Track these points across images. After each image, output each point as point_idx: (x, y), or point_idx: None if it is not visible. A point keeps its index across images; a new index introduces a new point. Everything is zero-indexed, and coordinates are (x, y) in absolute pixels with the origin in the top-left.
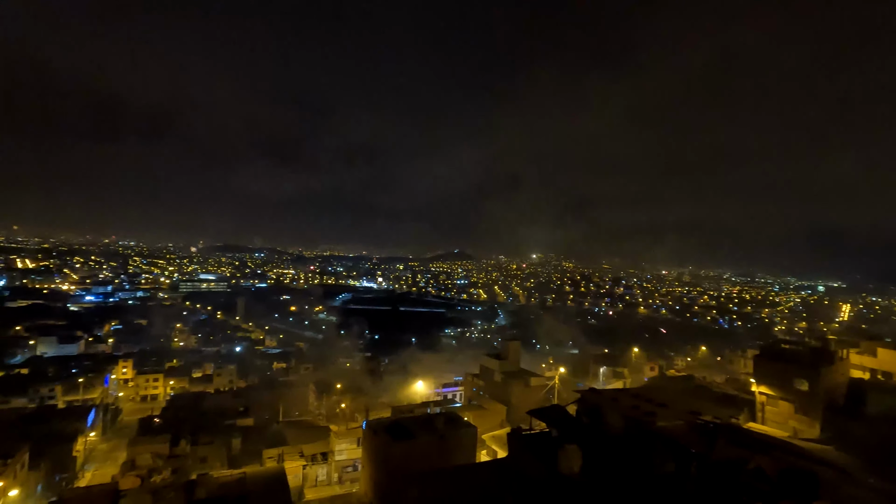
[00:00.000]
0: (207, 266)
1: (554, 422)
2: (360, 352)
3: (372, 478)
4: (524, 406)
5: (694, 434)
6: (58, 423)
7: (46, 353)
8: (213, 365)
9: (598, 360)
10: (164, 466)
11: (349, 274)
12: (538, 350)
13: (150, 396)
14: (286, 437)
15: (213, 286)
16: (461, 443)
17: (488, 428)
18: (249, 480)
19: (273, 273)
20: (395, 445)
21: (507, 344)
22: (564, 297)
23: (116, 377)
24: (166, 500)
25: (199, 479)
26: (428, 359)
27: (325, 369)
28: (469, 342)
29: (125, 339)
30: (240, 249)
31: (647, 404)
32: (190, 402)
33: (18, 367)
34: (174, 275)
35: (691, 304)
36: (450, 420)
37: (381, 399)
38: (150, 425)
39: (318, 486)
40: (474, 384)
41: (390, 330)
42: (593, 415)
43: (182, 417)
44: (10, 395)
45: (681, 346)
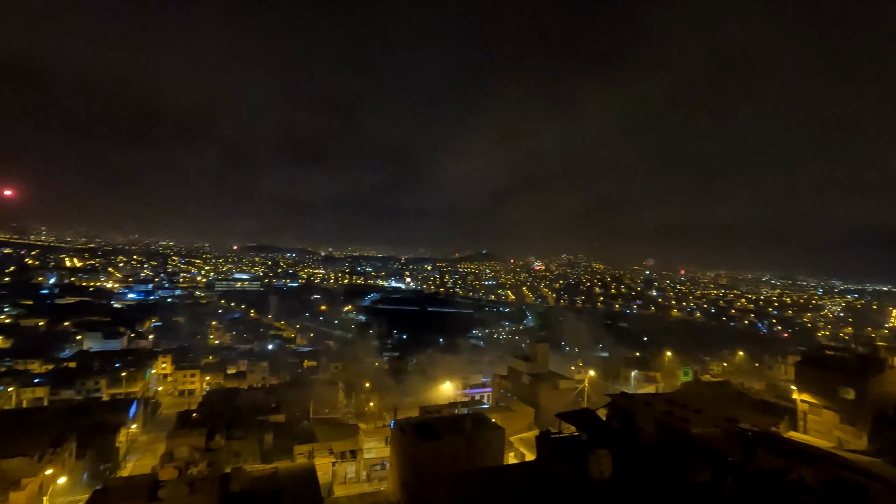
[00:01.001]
0: (242, 266)
1: (584, 425)
2: (389, 351)
3: (400, 477)
4: (553, 409)
5: (731, 442)
6: (102, 415)
7: (92, 348)
8: (246, 362)
9: (629, 364)
10: (200, 459)
11: (378, 274)
12: (567, 352)
13: (187, 391)
14: (316, 434)
15: (247, 285)
16: (489, 444)
17: (516, 430)
18: (281, 475)
19: (304, 273)
20: (422, 445)
21: (536, 346)
22: (594, 298)
23: (156, 372)
24: (203, 492)
25: (234, 473)
26: (455, 359)
27: (353, 368)
28: (497, 343)
29: (164, 336)
30: (272, 249)
31: (681, 410)
32: (225, 398)
33: (67, 361)
34: (210, 274)
35: (728, 308)
36: (477, 421)
37: (409, 399)
38: (188, 419)
39: (347, 483)
40: (502, 386)
41: (418, 330)
42: (625, 419)
43: (217, 412)
44: (59, 388)
45: (716, 350)
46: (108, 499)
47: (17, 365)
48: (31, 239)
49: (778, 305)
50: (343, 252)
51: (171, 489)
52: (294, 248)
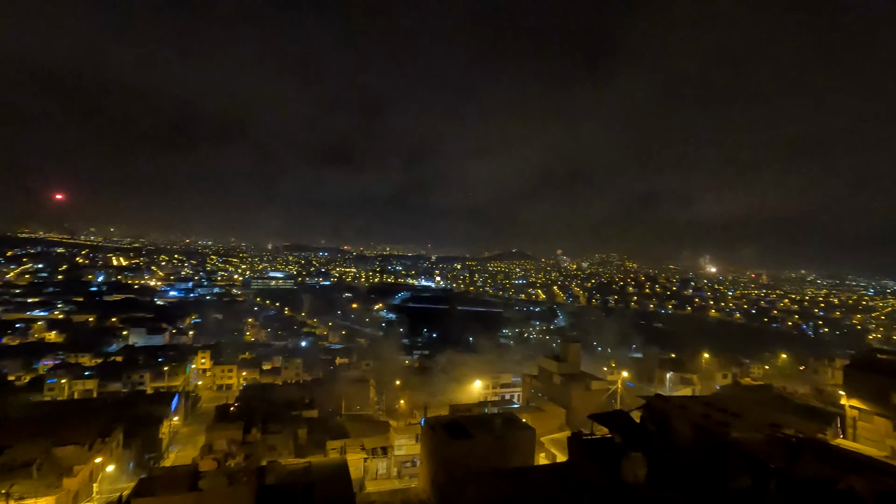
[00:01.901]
0: (276, 264)
1: (617, 428)
2: (418, 349)
3: (430, 474)
4: (584, 410)
5: (774, 448)
6: (147, 407)
7: (137, 343)
8: (281, 358)
9: (664, 366)
10: (237, 452)
11: (408, 273)
12: (599, 353)
13: (225, 386)
14: (348, 431)
15: (281, 283)
16: (519, 444)
17: (547, 430)
18: (314, 469)
19: (336, 271)
20: (452, 443)
21: (567, 345)
22: (627, 298)
23: (196, 367)
24: (240, 483)
25: (269, 466)
26: (485, 358)
27: (384, 366)
28: (527, 343)
29: (204, 332)
30: (305, 249)
31: (719, 414)
32: (260, 393)
33: (114, 355)
34: (246, 272)
35: (769, 308)
36: (508, 421)
37: (439, 397)
38: (226, 413)
39: (378, 479)
40: (532, 385)
41: (448, 329)
42: (660, 422)
43: (253, 407)
44: (107, 380)
45: (757, 352)
46: (152, 487)
47: (70, 358)
48: (81, 239)
49: (824, 306)
50: (374, 251)
51: (211, 480)
52: (326, 248)
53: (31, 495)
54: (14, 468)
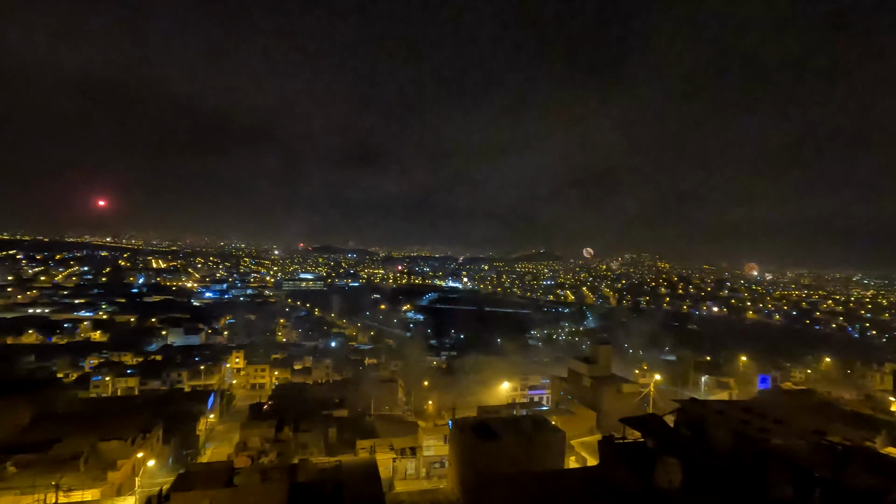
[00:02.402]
0: (306, 266)
1: (650, 432)
2: (446, 351)
3: (459, 475)
4: (615, 413)
5: (818, 456)
6: (184, 405)
7: (175, 343)
8: (311, 358)
9: (698, 368)
10: (270, 449)
11: (435, 274)
12: (630, 355)
13: (258, 385)
14: (377, 430)
15: (311, 285)
16: (548, 447)
17: (577, 434)
18: (345, 468)
19: (364, 273)
20: (481, 445)
21: (597, 347)
22: (659, 299)
23: (230, 366)
24: (273, 480)
25: (301, 464)
26: (513, 360)
27: (412, 367)
28: (556, 344)
29: (238, 332)
30: (334, 251)
31: (759, 419)
32: (292, 392)
33: (154, 354)
34: (278, 274)
35: (812, 310)
36: (537, 423)
37: (467, 398)
38: (259, 411)
39: (407, 479)
40: (562, 388)
41: (475, 330)
42: (695, 427)
43: (285, 406)
44: (148, 378)
45: (799, 356)
46: (190, 482)
47: (113, 357)
48: (123, 243)
49: (872, 307)
50: (401, 252)
51: (245, 476)
52: (355, 249)
53: (78, 487)
54: (63, 461)
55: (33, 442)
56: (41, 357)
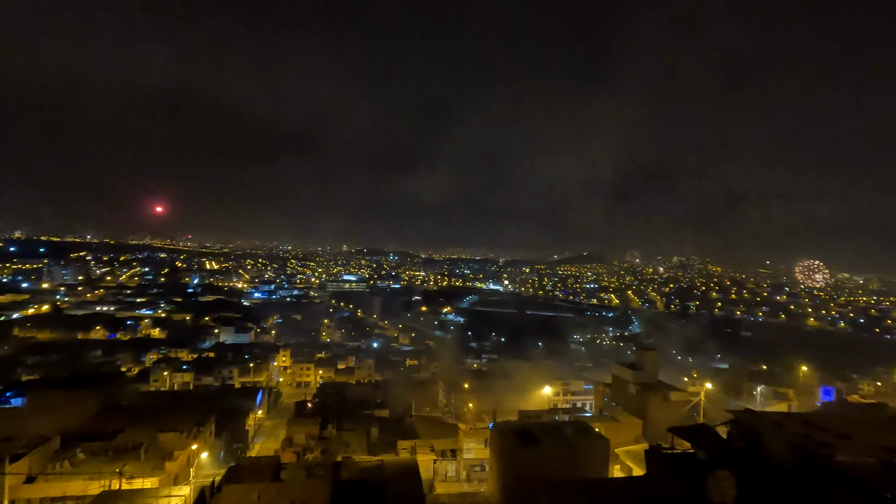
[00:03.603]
0: (349, 268)
1: (701, 442)
2: (487, 353)
3: (500, 479)
4: (663, 422)
5: (890, 475)
6: (235, 401)
7: (226, 341)
8: (354, 358)
9: (753, 378)
10: (315, 446)
11: (475, 276)
12: (678, 362)
13: (303, 383)
14: (418, 431)
15: (354, 286)
16: (592, 454)
17: (622, 442)
18: (386, 468)
19: (405, 275)
20: (522, 450)
21: (644, 353)
22: (710, 304)
23: (277, 364)
24: (317, 477)
25: (344, 462)
26: (555, 364)
27: (452, 369)
28: (599, 349)
29: (284, 331)
30: (376, 253)
31: (821, 434)
32: (335, 391)
33: (207, 352)
34: (322, 276)
35: (882, 317)
36: (579, 429)
37: (507, 402)
38: (304, 409)
39: (448, 481)
40: (605, 394)
41: (516, 333)
42: (750, 440)
43: (329, 404)
44: (201, 374)
45: (867, 367)
46: (240, 475)
47: (170, 353)
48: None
49: None
50: (442, 254)
51: (291, 472)
52: (396, 251)
53: (139, 475)
54: (126, 450)
55: (100, 431)
56: (107, 352)
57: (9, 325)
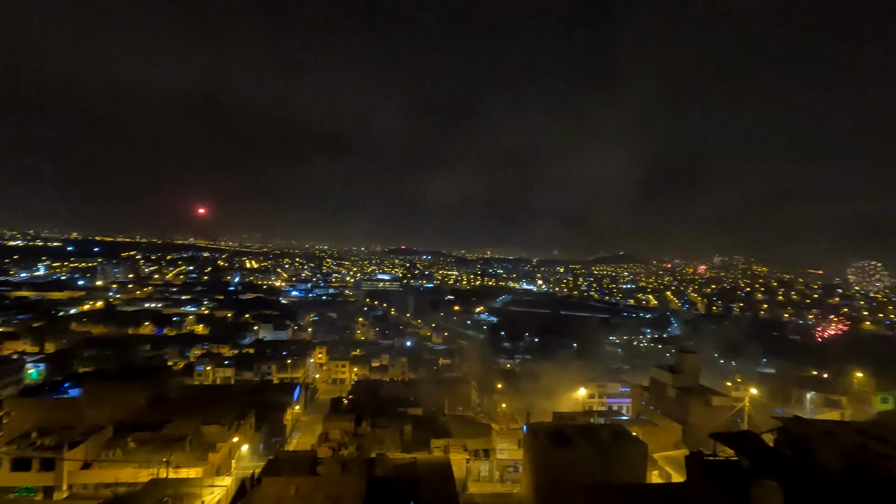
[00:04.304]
0: (383, 267)
1: (745, 450)
2: (520, 353)
3: (533, 481)
4: (704, 428)
5: None
6: (273, 396)
7: (265, 337)
8: (388, 356)
9: (803, 384)
10: (350, 442)
11: (508, 276)
12: (721, 366)
13: (338, 380)
14: (451, 430)
15: (388, 285)
16: (629, 459)
17: (660, 447)
18: (420, 466)
19: (438, 274)
20: (556, 452)
21: (683, 356)
22: (755, 306)
23: (314, 361)
24: (352, 472)
25: (378, 458)
26: (590, 366)
27: (485, 368)
28: (636, 351)
29: (320, 329)
30: (409, 252)
31: (879, 444)
32: (370, 388)
33: (247, 348)
34: (357, 275)
35: None
36: (616, 433)
37: (541, 403)
38: (339, 405)
39: (481, 480)
40: (643, 397)
41: (550, 334)
42: (799, 448)
43: (364, 401)
44: (242, 369)
45: None
46: (278, 468)
47: (213, 348)
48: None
49: None
50: (475, 254)
51: (327, 466)
52: (429, 251)
53: (184, 465)
54: (172, 440)
55: (148, 422)
56: (155, 346)
57: (66, 320)
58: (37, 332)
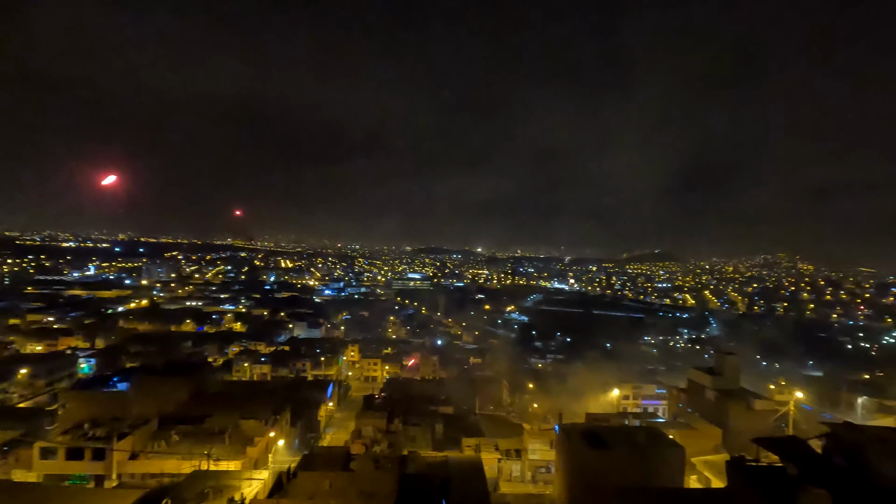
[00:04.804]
0: (414, 266)
1: (790, 456)
2: (552, 353)
3: (566, 483)
4: (745, 432)
5: None
6: (308, 392)
7: (300, 335)
8: (419, 355)
9: (853, 388)
10: (382, 439)
11: (539, 275)
12: (763, 368)
13: (370, 377)
14: (482, 430)
15: (419, 284)
16: (666, 462)
17: (698, 451)
18: (451, 464)
19: (469, 273)
20: (590, 453)
21: (723, 357)
22: (801, 306)
23: (346, 359)
24: (385, 469)
25: (410, 456)
26: (624, 366)
27: (516, 368)
28: (673, 352)
29: (352, 327)
30: (440, 251)
31: None
32: (401, 387)
33: (282, 345)
34: (388, 274)
35: None
36: (652, 435)
37: (573, 403)
38: (372, 403)
39: (513, 481)
40: (680, 399)
41: (582, 333)
42: (850, 456)
43: (395, 399)
44: (278, 366)
45: None
46: (313, 463)
47: (250, 346)
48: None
49: None
50: (505, 253)
51: (360, 462)
52: (459, 250)
53: (224, 458)
54: (213, 434)
55: (190, 416)
56: (196, 343)
57: (115, 317)
58: (88, 329)
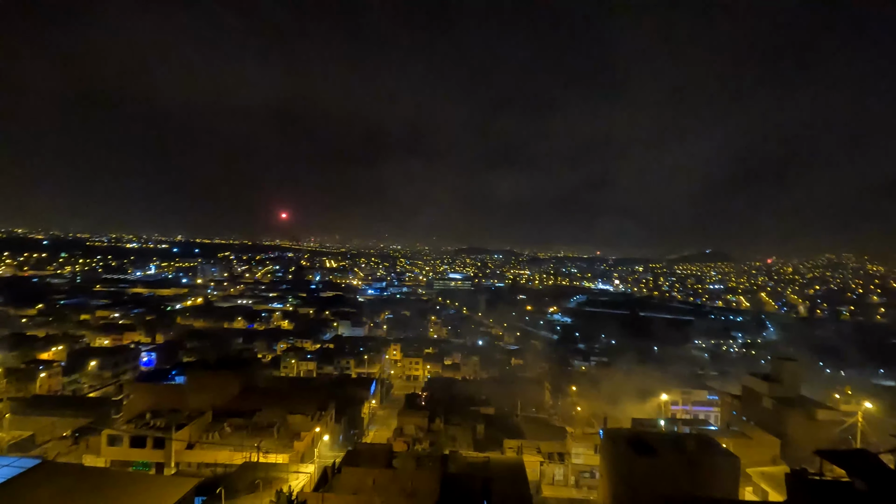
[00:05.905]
0: (455, 266)
1: (860, 471)
2: (596, 356)
3: (611, 489)
4: (807, 443)
5: None
6: (352, 389)
7: (344, 334)
8: (460, 355)
9: None
10: (423, 438)
11: (583, 275)
12: (826, 375)
13: (412, 376)
14: (524, 431)
15: (460, 284)
16: (718, 472)
17: (754, 461)
18: (493, 465)
19: (510, 273)
20: (636, 460)
21: (782, 363)
22: (870, 309)
23: (389, 357)
24: (427, 467)
25: (452, 455)
26: (672, 371)
27: (559, 370)
28: (725, 358)
29: (394, 327)
30: (481, 251)
31: None
32: (442, 386)
33: (327, 343)
34: (429, 274)
35: None
36: (703, 443)
37: (619, 408)
38: (414, 401)
39: (556, 485)
40: (734, 407)
41: (628, 336)
42: None
43: (437, 398)
44: (323, 363)
45: None
46: (357, 459)
47: (297, 343)
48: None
49: None
50: (547, 253)
51: (402, 460)
52: (500, 250)
53: (272, 451)
54: (262, 428)
55: (241, 409)
56: (246, 340)
57: (173, 314)
58: (149, 325)
